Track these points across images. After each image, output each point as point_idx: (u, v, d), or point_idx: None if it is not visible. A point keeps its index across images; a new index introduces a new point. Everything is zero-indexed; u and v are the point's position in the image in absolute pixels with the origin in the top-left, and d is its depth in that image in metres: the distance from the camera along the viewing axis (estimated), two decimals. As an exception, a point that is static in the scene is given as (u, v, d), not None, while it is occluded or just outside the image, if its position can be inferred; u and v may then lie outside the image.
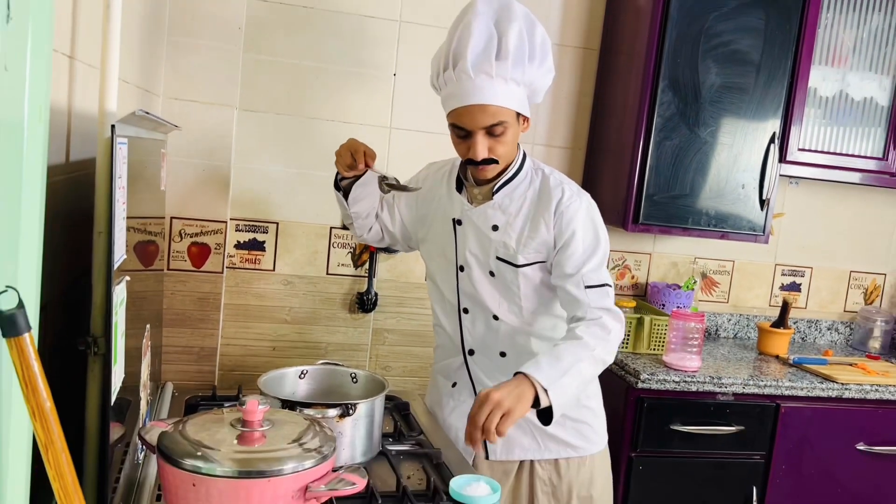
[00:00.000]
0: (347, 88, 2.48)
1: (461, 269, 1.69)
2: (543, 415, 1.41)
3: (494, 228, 1.63)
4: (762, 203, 2.53)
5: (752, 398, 2.36)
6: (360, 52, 2.47)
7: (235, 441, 1.06)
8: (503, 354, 1.69)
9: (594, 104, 2.70)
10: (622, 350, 2.52)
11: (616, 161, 2.53)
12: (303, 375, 1.65)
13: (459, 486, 1.27)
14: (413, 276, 2.60)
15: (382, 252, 2.34)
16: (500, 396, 1.32)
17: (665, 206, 2.46)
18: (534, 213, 1.61)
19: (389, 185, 1.62)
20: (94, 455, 1.02)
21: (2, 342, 0.61)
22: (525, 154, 1.66)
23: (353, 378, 1.66)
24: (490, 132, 1.51)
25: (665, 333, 2.49)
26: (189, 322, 2.39)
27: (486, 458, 1.73)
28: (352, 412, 1.43)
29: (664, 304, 2.71)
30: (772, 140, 2.50)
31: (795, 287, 3.05)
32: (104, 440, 1.01)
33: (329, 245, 2.53)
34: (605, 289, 1.56)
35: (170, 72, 2.30)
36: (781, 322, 2.73)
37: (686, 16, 2.38)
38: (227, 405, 1.65)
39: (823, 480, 2.45)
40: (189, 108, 2.31)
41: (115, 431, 1.04)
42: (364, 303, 2.55)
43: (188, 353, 2.41)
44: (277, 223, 2.49)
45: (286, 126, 2.45)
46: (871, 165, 2.67)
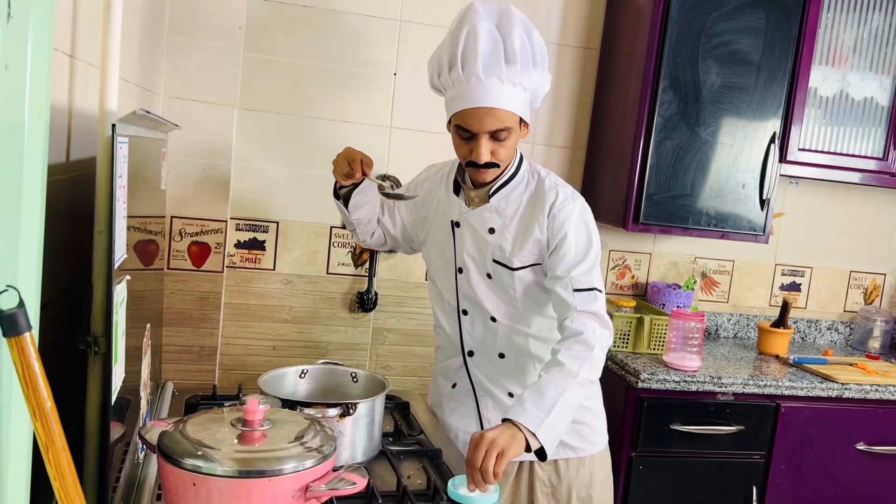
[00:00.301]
0: (348, 88, 2.48)
1: (460, 271, 1.69)
2: (539, 452, 1.40)
3: (491, 231, 1.63)
4: (762, 203, 2.53)
5: (752, 398, 2.36)
6: (361, 52, 2.47)
7: (236, 440, 1.06)
8: (502, 356, 1.69)
9: (594, 104, 2.70)
10: (622, 350, 2.52)
11: (616, 161, 2.53)
12: (303, 375, 1.65)
13: (457, 486, 1.27)
14: (413, 276, 2.60)
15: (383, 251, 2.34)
16: (494, 435, 1.32)
17: (665, 206, 2.46)
18: (529, 216, 1.61)
19: (385, 195, 1.63)
20: (95, 454, 1.02)
21: (2, 342, 0.61)
22: (522, 157, 1.66)
23: (354, 377, 1.66)
24: (494, 136, 1.51)
25: (665, 333, 2.49)
26: (189, 321, 2.39)
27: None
28: (352, 412, 1.43)
29: (664, 304, 2.71)
30: (772, 140, 2.50)
31: (795, 287, 3.05)
32: (104, 440, 1.01)
33: (329, 244, 2.53)
34: (594, 293, 1.55)
35: (170, 71, 2.30)
36: (781, 322, 2.73)
37: (686, 16, 2.38)
38: (228, 405, 1.64)
39: (823, 480, 2.45)
40: (189, 108, 2.31)
41: (116, 431, 1.04)
42: (364, 302, 2.55)
43: (188, 353, 2.41)
44: (277, 222, 2.49)
45: (286, 125, 2.45)
46: (872, 165, 2.67)
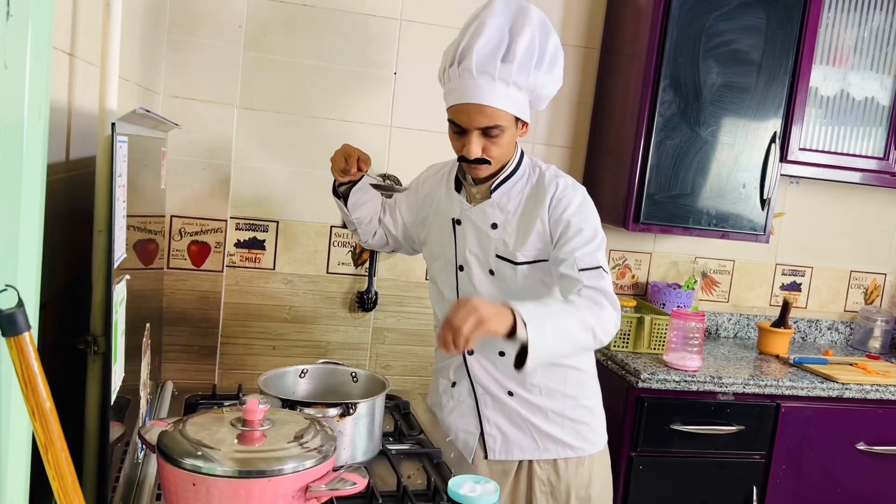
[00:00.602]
0: (348, 87, 2.48)
1: (460, 269, 1.69)
2: (519, 359, 1.37)
3: (493, 226, 1.63)
4: (763, 203, 2.53)
5: (753, 398, 2.36)
6: (361, 51, 2.47)
7: (235, 440, 1.06)
8: (502, 354, 1.69)
9: (595, 103, 2.70)
10: (622, 349, 2.52)
11: (617, 160, 2.53)
12: (303, 374, 1.65)
13: (457, 486, 1.27)
14: (413, 276, 2.60)
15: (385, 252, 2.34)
16: (479, 304, 1.30)
17: (665, 206, 2.46)
18: (531, 210, 1.61)
19: (375, 186, 1.62)
20: (94, 454, 1.02)
21: (1, 341, 0.61)
22: (523, 152, 1.67)
23: (354, 377, 1.66)
24: (486, 133, 1.52)
25: (665, 333, 2.48)
26: (189, 321, 2.39)
27: (486, 458, 1.73)
28: (352, 411, 1.43)
29: (664, 304, 2.71)
30: (773, 139, 2.50)
31: (796, 287, 3.04)
32: (104, 439, 1.01)
33: (329, 244, 2.53)
34: (600, 271, 1.52)
35: (170, 70, 2.29)
36: (782, 322, 2.73)
37: (687, 15, 2.37)
38: (227, 404, 1.65)
39: (823, 480, 2.45)
40: (189, 107, 2.31)
41: (115, 431, 1.04)
42: (364, 302, 2.55)
43: (188, 352, 2.41)
44: (277, 222, 2.48)
45: (287, 124, 2.45)
46: (872, 165, 2.67)
